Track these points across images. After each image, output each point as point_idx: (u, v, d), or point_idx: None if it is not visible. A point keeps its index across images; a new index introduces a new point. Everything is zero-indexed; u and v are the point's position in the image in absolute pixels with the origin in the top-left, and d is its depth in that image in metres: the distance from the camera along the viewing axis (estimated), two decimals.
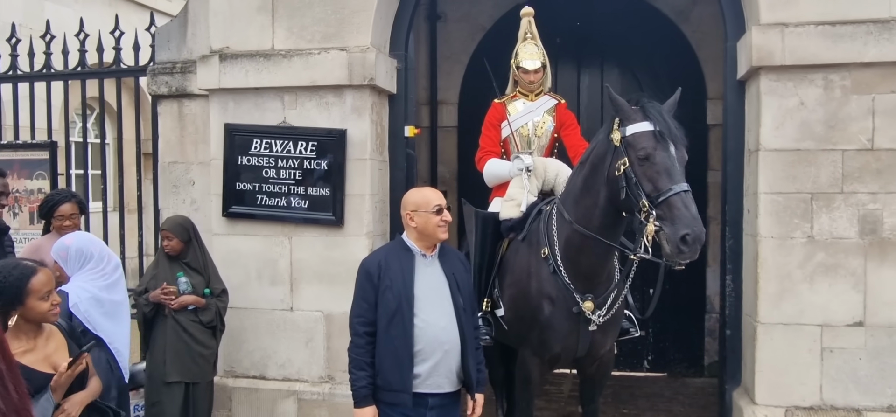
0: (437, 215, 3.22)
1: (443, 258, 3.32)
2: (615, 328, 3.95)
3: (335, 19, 4.74)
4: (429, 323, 3.16)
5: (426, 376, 3.16)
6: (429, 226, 3.22)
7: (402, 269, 3.21)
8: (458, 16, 7.07)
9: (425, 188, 3.45)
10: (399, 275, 3.20)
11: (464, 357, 3.22)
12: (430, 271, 3.25)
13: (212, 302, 4.46)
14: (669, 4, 6.62)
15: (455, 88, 7.14)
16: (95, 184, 7.73)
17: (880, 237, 4.11)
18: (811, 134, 4.16)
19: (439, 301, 3.21)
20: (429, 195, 3.29)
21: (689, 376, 6.66)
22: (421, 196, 3.30)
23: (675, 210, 3.07)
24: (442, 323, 3.18)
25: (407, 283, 3.19)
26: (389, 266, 3.23)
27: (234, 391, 4.94)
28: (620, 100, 3.40)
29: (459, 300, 3.24)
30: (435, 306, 3.20)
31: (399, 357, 3.14)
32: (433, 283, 3.24)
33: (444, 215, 3.24)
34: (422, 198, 3.28)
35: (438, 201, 3.25)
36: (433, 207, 3.22)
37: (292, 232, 4.85)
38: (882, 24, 4.03)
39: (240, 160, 4.86)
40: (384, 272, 3.21)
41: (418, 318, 3.16)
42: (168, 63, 5.25)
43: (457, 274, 3.29)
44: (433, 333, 3.16)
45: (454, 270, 3.30)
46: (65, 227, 4.57)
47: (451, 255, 3.40)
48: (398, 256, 3.27)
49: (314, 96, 4.77)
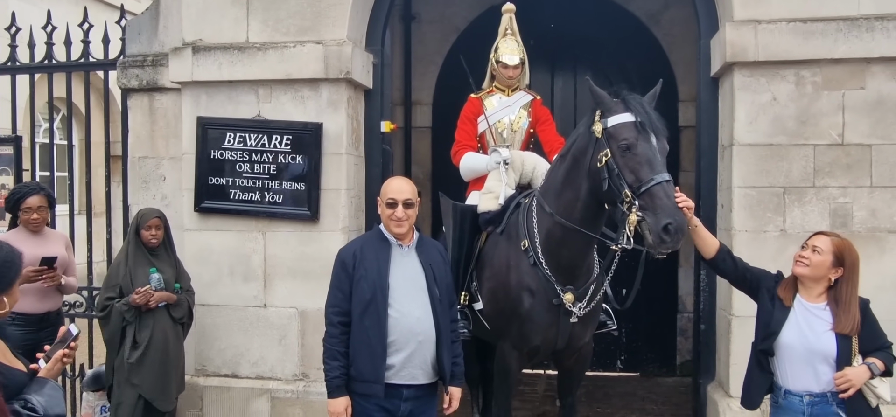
0: (388, 208, 3.20)
1: (420, 249, 3.29)
2: (594, 321, 3.95)
3: (311, 12, 4.69)
4: (403, 313, 3.13)
5: (400, 367, 3.14)
6: (384, 217, 3.24)
7: (378, 259, 3.18)
8: (432, 17, 7.08)
9: (397, 178, 3.41)
10: (374, 265, 3.17)
11: (439, 348, 3.19)
12: (406, 261, 3.22)
13: (183, 298, 4.36)
14: (642, 8, 6.71)
15: (429, 89, 7.13)
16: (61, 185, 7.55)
17: (851, 230, 4.17)
18: (783, 129, 4.23)
19: (415, 291, 3.18)
20: (390, 186, 3.27)
21: (661, 375, 6.71)
22: (386, 186, 3.31)
23: (657, 200, 3.08)
24: (416, 314, 3.15)
25: (382, 273, 3.15)
26: (365, 255, 3.20)
27: (205, 390, 4.83)
28: (601, 93, 3.41)
29: (436, 291, 3.20)
30: (410, 297, 3.17)
31: (372, 348, 3.11)
32: (409, 274, 3.20)
33: (396, 211, 3.18)
34: (384, 188, 3.29)
35: (394, 195, 3.20)
36: (386, 199, 3.21)
37: (266, 228, 4.78)
38: (851, 21, 4.12)
39: (213, 154, 4.78)
40: (359, 261, 3.18)
41: (392, 309, 3.13)
42: (139, 56, 5.15)
43: (434, 266, 3.26)
44: (407, 324, 3.13)
45: (432, 261, 3.26)
46: (32, 220, 4.44)
47: (429, 246, 3.36)
48: (374, 246, 3.24)
49: (289, 90, 4.72)
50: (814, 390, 3.03)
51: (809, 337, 3.02)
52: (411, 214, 3.22)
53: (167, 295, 4.26)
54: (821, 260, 3.05)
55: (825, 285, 3.09)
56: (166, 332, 4.26)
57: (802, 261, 3.09)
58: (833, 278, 3.07)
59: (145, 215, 4.36)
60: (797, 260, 3.12)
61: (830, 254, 3.04)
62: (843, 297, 3.03)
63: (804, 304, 3.09)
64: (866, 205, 4.17)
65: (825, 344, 3.01)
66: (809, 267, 3.06)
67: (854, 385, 2.96)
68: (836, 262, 3.05)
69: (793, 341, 3.04)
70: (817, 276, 3.07)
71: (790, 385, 3.08)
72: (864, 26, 4.09)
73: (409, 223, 3.22)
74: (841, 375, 2.97)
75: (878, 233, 4.17)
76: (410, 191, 3.24)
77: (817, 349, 3.01)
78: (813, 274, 3.07)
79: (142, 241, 4.31)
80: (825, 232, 3.19)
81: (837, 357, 2.99)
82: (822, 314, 3.05)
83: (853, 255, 3.08)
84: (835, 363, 2.99)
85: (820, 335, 3.02)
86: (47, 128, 6.06)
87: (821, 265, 3.05)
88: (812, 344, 3.01)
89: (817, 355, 3.01)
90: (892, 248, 4.16)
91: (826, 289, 3.09)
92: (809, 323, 3.05)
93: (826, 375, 3.01)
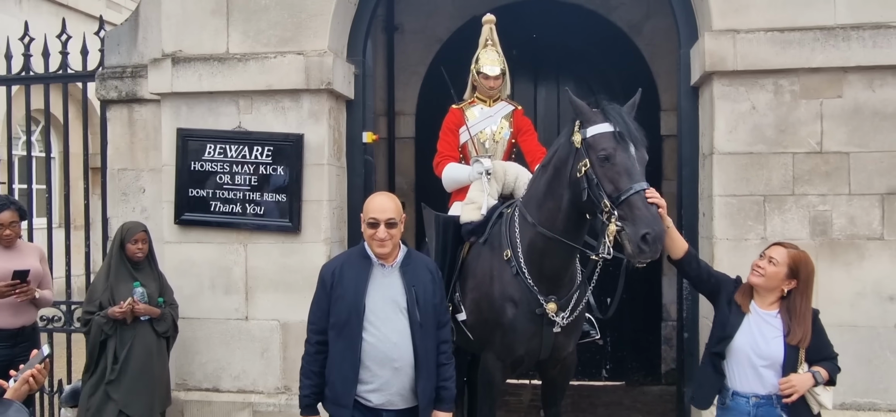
0: (370, 228, 3.04)
1: (406, 268, 3.12)
2: (577, 330, 3.95)
3: (292, 23, 4.68)
4: (378, 338, 3.00)
5: (374, 392, 3.03)
6: (366, 236, 3.09)
7: (357, 279, 3.05)
8: (414, 28, 7.08)
9: (380, 195, 3.20)
10: (352, 285, 3.04)
11: (417, 375, 3.03)
12: (387, 282, 3.07)
13: (166, 312, 4.33)
14: (623, 18, 6.75)
15: (412, 99, 7.13)
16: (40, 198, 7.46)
17: (830, 238, 4.21)
18: (763, 137, 4.26)
19: (393, 315, 3.03)
20: (372, 205, 3.09)
21: (646, 384, 6.72)
22: (368, 204, 3.13)
23: (635, 209, 3.09)
24: (393, 339, 3.01)
25: (358, 294, 3.02)
26: (344, 274, 3.08)
27: (186, 404, 4.78)
28: (580, 103, 3.42)
29: (416, 314, 3.03)
30: (387, 320, 3.02)
31: (344, 372, 3.02)
32: (389, 295, 3.05)
33: (377, 231, 3.01)
34: (366, 206, 3.12)
35: (375, 215, 3.03)
36: (368, 218, 3.05)
37: (247, 240, 4.74)
38: (828, 31, 4.16)
39: (193, 166, 4.74)
40: (338, 280, 3.07)
41: (368, 333, 3.00)
42: (118, 67, 5.11)
43: (420, 286, 3.09)
44: (383, 349, 3.00)
45: (417, 281, 3.09)
46: (5, 236, 4.38)
47: (417, 265, 3.17)
48: (355, 264, 3.11)
49: (270, 100, 4.70)
50: (760, 392, 3.13)
51: (759, 342, 3.12)
52: (395, 233, 3.05)
53: (151, 309, 4.22)
54: (775, 272, 3.13)
55: (778, 294, 3.17)
56: (149, 347, 4.22)
57: (758, 271, 3.17)
58: (786, 289, 3.15)
59: (131, 229, 4.32)
60: (753, 269, 3.20)
61: (785, 266, 3.12)
62: (798, 310, 3.12)
63: (758, 311, 3.17)
64: (845, 213, 4.20)
65: (773, 349, 3.10)
66: (764, 278, 3.15)
67: (797, 392, 3.05)
68: (790, 274, 3.13)
69: (744, 345, 3.14)
70: (771, 287, 3.16)
71: (738, 387, 3.17)
72: (840, 36, 4.14)
73: (392, 242, 3.06)
74: (785, 381, 3.06)
75: (856, 241, 4.20)
76: (394, 209, 3.07)
77: (766, 354, 3.10)
78: (767, 284, 3.15)
79: (126, 255, 4.28)
80: (783, 244, 3.25)
81: (784, 363, 3.09)
82: (774, 321, 3.14)
83: (808, 269, 3.16)
84: (781, 368, 3.09)
85: (769, 341, 3.11)
86: (25, 140, 5.97)
87: (775, 276, 3.13)
88: (761, 349, 3.11)
89: (765, 359, 3.11)
90: (871, 255, 4.19)
91: (779, 298, 3.17)
92: (761, 329, 3.14)
93: (771, 379, 3.11)
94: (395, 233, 3.06)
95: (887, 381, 4.20)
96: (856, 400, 4.21)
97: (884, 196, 4.17)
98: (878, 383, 4.20)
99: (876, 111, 4.17)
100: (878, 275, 4.19)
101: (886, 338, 4.19)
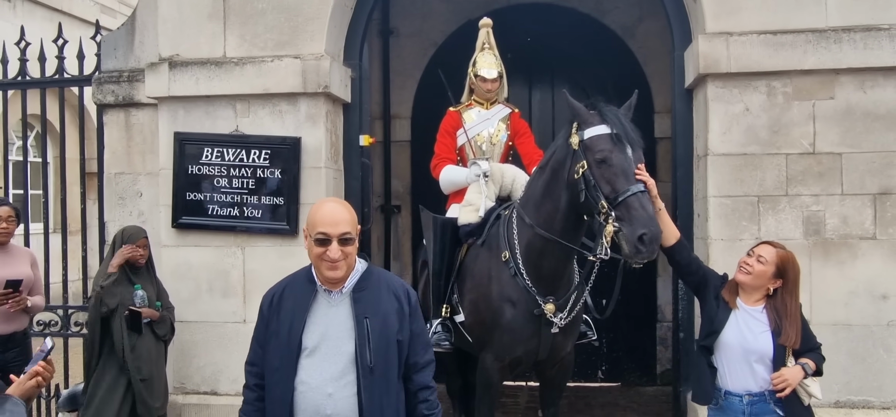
0: (318, 246, 2.37)
1: (360, 295, 2.44)
2: (575, 330, 3.99)
3: (288, 27, 4.70)
4: (311, 387, 2.37)
5: None
6: (312, 256, 2.41)
7: (294, 311, 2.43)
8: (410, 31, 7.11)
9: (329, 203, 2.51)
10: (288, 319, 2.43)
11: None
12: (333, 314, 2.43)
13: (166, 315, 4.37)
14: (617, 21, 6.80)
15: (408, 103, 7.15)
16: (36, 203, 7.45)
17: (823, 238, 4.26)
18: (756, 139, 4.31)
19: (334, 358, 2.38)
20: (320, 215, 2.40)
21: (642, 385, 6.75)
22: (314, 213, 2.43)
23: (632, 210, 3.13)
24: (328, 390, 2.36)
25: (293, 331, 2.39)
26: (283, 304, 2.47)
27: (183, 408, 4.78)
28: (578, 105, 3.46)
29: (367, 357, 2.36)
30: (326, 365, 2.38)
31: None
32: (333, 333, 2.40)
33: (328, 250, 2.34)
34: (312, 217, 2.42)
35: (326, 228, 2.35)
36: (315, 233, 2.37)
37: (245, 243, 4.75)
38: (820, 33, 4.21)
39: (190, 169, 4.75)
40: (275, 311, 2.47)
41: (300, 381, 2.38)
42: (115, 71, 5.12)
43: (376, 319, 2.41)
44: (316, 401, 2.36)
45: (374, 312, 2.42)
46: (1, 229, 4.40)
47: (377, 290, 2.47)
48: (296, 292, 2.48)
49: (267, 104, 4.71)
50: (753, 389, 3.15)
51: (748, 338, 3.15)
52: (350, 252, 2.39)
53: (151, 312, 4.26)
54: (763, 270, 3.16)
55: (764, 292, 3.20)
56: (150, 350, 4.24)
57: (745, 268, 3.20)
58: (772, 288, 3.19)
59: (133, 234, 4.35)
60: (740, 267, 3.23)
61: (773, 265, 3.16)
62: (788, 310, 3.15)
63: (744, 307, 3.21)
64: (838, 213, 4.25)
65: (762, 344, 3.13)
66: (751, 276, 3.18)
67: (790, 385, 3.08)
68: (777, 273, 3.17)
69: (732, 341, 3.17)
70: (757, 285, 3.19)
71: (730, 386, 3.19)
72: (832, 38, 4.19)
73: (347, 264, 2.40)
74: (778, 375, 3.09)
75: (849, 240, 4.25)
76: (349, 220, 2.41)
77: (754, 349, 3.14)
78: (753, 282, 3.19)
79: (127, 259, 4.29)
80: (771, 243, 3.28)
81: (773, 357, 3.12)
82: (760, 316, 3.18)
83: (795, 269, 3.19)
84: (771, 363, 3.12)
85: (757, 335, 3.15)
86: (21, 145, 5.97)
87: (762, 275, 3.17)
88: (750, 344, 3.14)
89: (754, 354, 3.14)
90: (864, 255, 4.24)
91: (764, 296, 3.21)
92: (748, 325, 3.17)
93: (763, 375, 3.13)
94: (351, 252, 2.41)
95: (881, 379, 4.24)
96: (850, 398, 4.25)
97: (876, 196, 4.22)
98: (871, 381, 4.25)
99: (867, 112, 4.23)
100: (870, 274, 4.23)
101: (880, 336, 4.23)
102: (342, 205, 2.49)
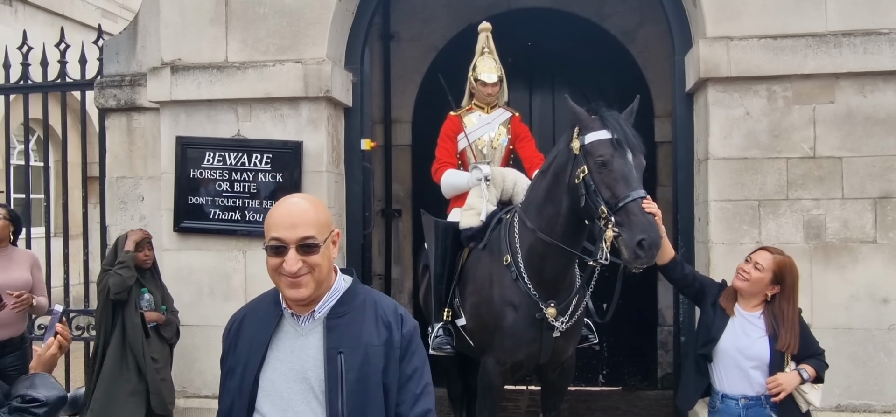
0: (274, 256, 1.83)
1: (337, 323, 1.89)
2: (576, 335, 3.99)
3: (290, 31, 4.72)
4: None
5: None
6: (269, 268, 1.86)
7: (253, 340, 1.92)
8: (410, 36, 7.13)
9: (289, 198, 1.94)
10: (245, 351, 1.92)
11: None
12: (299, 346, 1.89)
13: (172, 319, 4.42)
14: (617, 26, 6.81)
15: (409, 107, 7.16)
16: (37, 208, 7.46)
17: (824, 241, 4.27)
18: (757, 143, 4.32)
19: (299, 399, 1.85)
20: (275, 215, 1.87)
21: (643, 389, 6.75)
22: (268, 215, 1.89)
23: (632, 216, 3.14)
24: None
25: (249, 368, 1.88)
26: (242, 332, 1.97)
27: (185, 411, 4.78)
28: (579, 110, 3.47)
29: (339, 404, 1.81)
30: (286, 409, 1.85)
31: None
32: (297, 368, 1.87)
33: (285, 261, 1.80)
34: (267, 219, 1.88)
35: (281, 233, 1.81)
36: (269, 239, 1.84)
37: (247, 247, 4.76)
38: (820, 37, 4.23)
39: (192, 173, 4.77)
40: (232, 344, 1.98)
41: None
42: (117, 76, 5.14)
43: (354, 354, 1.84)
44: None
45: (351, 345, 1.86)
46: None
47: (362, 316, 1.91)
48: (258, 318, 1.96)
49: (269, 108, 4.73)
50: (749, 393, 3.17)
51: (745, 344, 3.17)
52: (317, 263, 1.83)
53: (157, 316, 4.29)
54: (760, 277, 3.18)
55: (762, 298, 3.22)
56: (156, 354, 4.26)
57: (742, 275, 3.23)
58: (769, 294, 3.20)
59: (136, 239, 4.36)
60: (738, 273, 3.25)
61: (770, 272, 3.17)
62: (786, 316, 3.17)
63: (741, 313, 3.23)
64: (838, 217, 4.26)
65: (759, 349, 3.15)
66: (748, 283, 3.20)
67: (785, 390, 3.09)
68: (774, 280, 3.19)
69: (730, 347, 3.19)
70: (755, 291, 3.21)
71: (727, 390, 3.21)
72: (832, 42, 4.20)
73: (313, 278, 1.83)
74: (772, 380, 3.10)
75: (850, 244, 4.26)
76: (312, 221, 1.84)
77: (751, 354, 3.15)
78: (751, 289, 3.21)
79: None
80: (769, 249, 3.30)
81: (770, 362, 3.13)
82: (757, 322, 3.20)
83: (793, 275, 3.21)
84: (768, 368, 3.14)
85: (754, 341, 3.17)
86: (23, 149, 5.98)
87: (759, 281, 3.18)
88: (747, 350, 3.16)
89: (751, 360, 3.15)
90: (865, 258, 4.25)
91: (762, 301, 3.22)
92: (745, 330, 3.19)
93: (759, 380, 3.15)
94: (318, 263, 1.84)
95: (882, 383, 4.25)
96: (851, 402, 4.26)
97: (876, 200, 4.23)
98: (872, 384, 4.25)
99: (868, 116, 4.24)
100: (871, 278, 4.24)
101: (881, 340, 4.24)
102: (306, 200, 1.92)
